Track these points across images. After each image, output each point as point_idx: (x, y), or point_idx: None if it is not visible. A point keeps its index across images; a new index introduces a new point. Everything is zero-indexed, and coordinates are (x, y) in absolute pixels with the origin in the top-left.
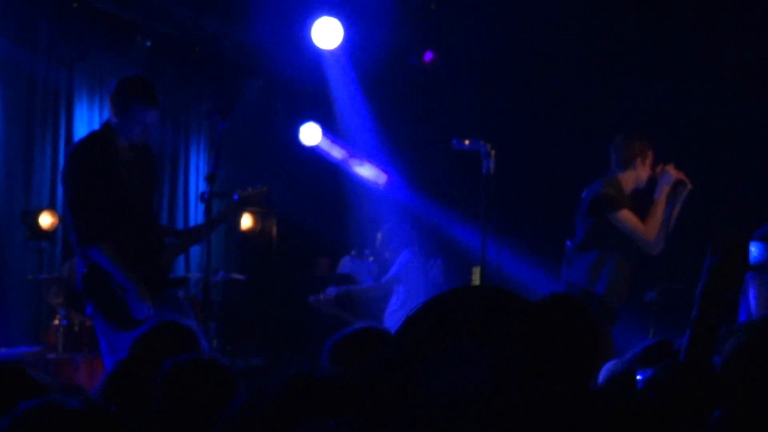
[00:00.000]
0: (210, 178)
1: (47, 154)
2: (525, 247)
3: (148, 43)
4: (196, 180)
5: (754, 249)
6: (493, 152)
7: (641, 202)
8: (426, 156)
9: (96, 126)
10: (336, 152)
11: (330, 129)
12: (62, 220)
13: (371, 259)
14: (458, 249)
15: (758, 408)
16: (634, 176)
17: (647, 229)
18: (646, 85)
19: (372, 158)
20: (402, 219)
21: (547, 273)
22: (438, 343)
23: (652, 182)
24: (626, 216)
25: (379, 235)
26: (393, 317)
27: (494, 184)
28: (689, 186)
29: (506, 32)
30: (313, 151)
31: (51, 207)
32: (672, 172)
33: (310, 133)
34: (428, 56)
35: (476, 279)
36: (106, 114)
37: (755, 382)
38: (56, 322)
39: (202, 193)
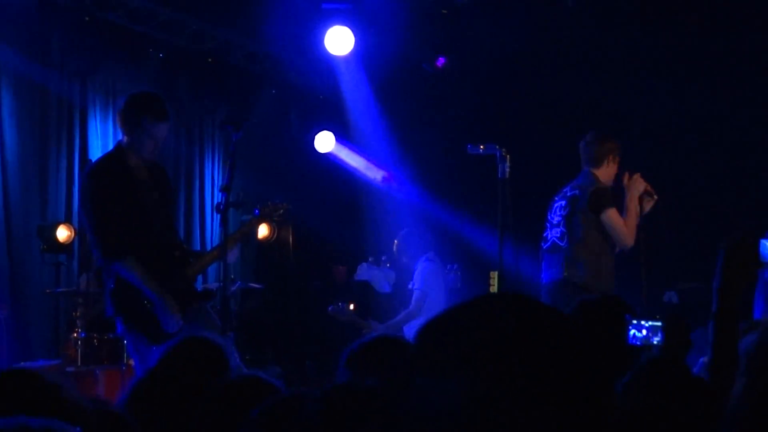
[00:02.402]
0: (225, 189)
1: (62, 168)
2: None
3: (161, 55)
4: (212, 190)
5: None
6: (508, 156)
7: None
8: (441, 161)
9: (110, 138)
10: (349, 158)
11: (344, 136)
12: (78, 233)
13: (388, 265)
14: (476, 254)
15: None
16: (607, 174)
17: (628, 231)
18: (662, 89)
19: (384, 163)
20: (418, 224)
21: None
22: (455, 357)
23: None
24: (614, 215)
25: (395, 241)
26: (413, 324)
27: (510, 189)
28: (655, 197)
29: (519, 36)
30: (328, 159)
31: (67, 220)
32: (641, 182)
33: (325, 141)
34: (441, 61)
35: (494, 283)
36: None
37: None
38: (75, 335)
39: (218, 204)
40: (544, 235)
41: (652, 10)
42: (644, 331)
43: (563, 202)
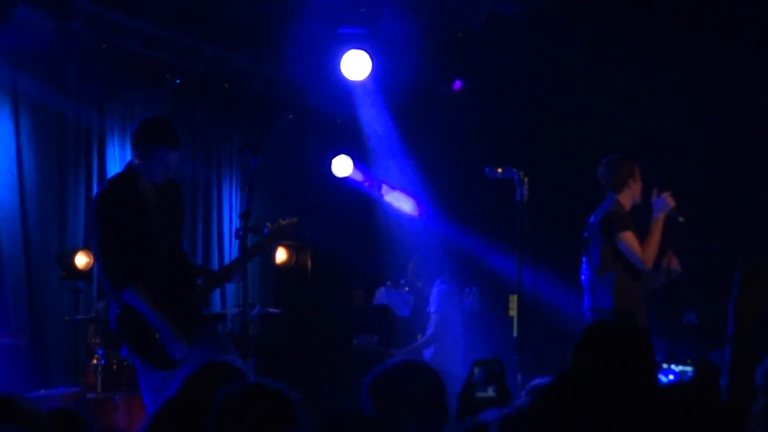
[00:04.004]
0: (244, 216)
1: (81, 195)
2: (561, 274)
3: (178, 81)
4: (230, 216)
5: None
6: (525, 179)
7: (639, 219)
8: (459, 185)
9: None
10: (367, 183)
11: (361, 160)
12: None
13: (406, 289)
14: (494, 277)
15: None
16: (630, 195)
17: (645, 254)
18: (680, 109)
19: (404, 188)
20: (432, 248)
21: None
22: None
23: (646, 197)
24: (629, 238)
25: (410, 265)
26: (431, 347)
27: (528, 212)
28: (681, 219)
29: (535, 58)
30: (346, 183)
31: (86, 247)
32: (668, 200)
33: (342, 165)
34: (457, 85)
35: (514, 307)
36: None
37: None
38: (94, 361)
39: (237, 230)
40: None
41: (667, 32)
42: (671, 376)
43: (585, 232)
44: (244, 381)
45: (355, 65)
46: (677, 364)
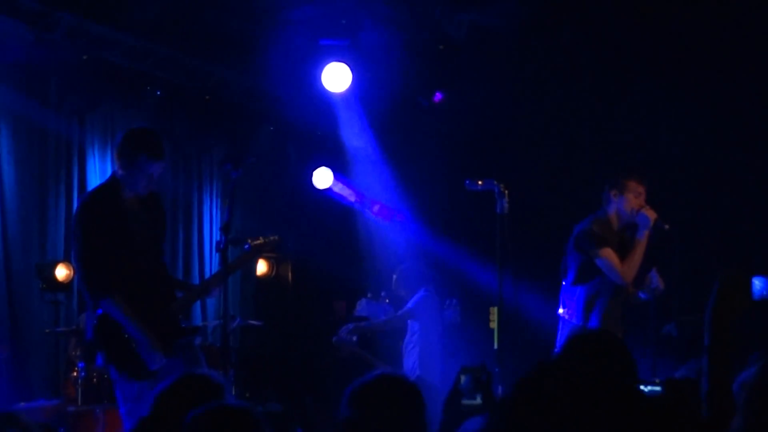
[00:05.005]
0: (225, 229)
1: (61, 207)
2: (542, 286)
3: (159, 93)
4: (210, 228)
5: (758, 283)
6: (506, 192)
7: (630, 238)
8: (439, 196)
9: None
10: (348, 194)
11: (342, 172)
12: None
13: (387, 301)
14: (475, 289)
15: None
16: (618, 211)
17: (624, 270)
18: (663, 123)
19: (384, 199)
20: (417, 259)
21: None
22: None
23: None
24: (607, 254)
25: (394, 276)
26: (410, 355)
27: (509, 224)
28: (666, 226)
29: (516, 71)
30: (326, 195)
31: (66, 259)
32: (648, 213)
33: (323, 177)
34: (438, 97)
35: (494, 319)
36: None
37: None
38: (75, 374)
39: (218, 243)
40: None
41: (649, 41)
42: None
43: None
44: (213, 401)
45: (336, 77)
46: (645, 384)
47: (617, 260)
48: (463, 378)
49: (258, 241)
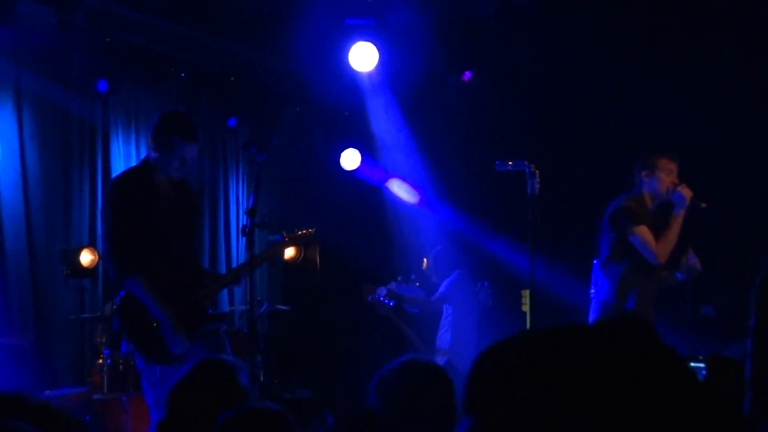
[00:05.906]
0: (251, 213)
1: (85, 191)
2: (574, 268)
3: (183, 75)
4: (236, 211)
5: None
6: (537, 172)
7: (665, 217)
8: (469, 177)
9: (133, 159)
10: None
11: (369, 153)
12: (102, 257)
13: (417, 284)
14: (506, 271)
15: None
16: (649, 190)
17: (659, 249)
18: (695, 103)
19: (411, 180)
20: (448, 242)
21: None
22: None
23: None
24: (642, 232)
25: (425, 260)
26: (443, 338)
27: (540, 205)
28: (703, 205)
29: (545, 49)
30: (354, 176)
31: (91, 244)
32: (684, 192)
33: (350, 158)
34: (467, 76)
35: (526, 302)
36: (143, 148)
37: None
38: (100, 361)
39: (244, 227)
40: None
41: (682, 23)
42: None
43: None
44: (241, 405)
45: (363, 57)
46: (689, 361)
47: (652, 238)
48: None
49: (293, 234)
